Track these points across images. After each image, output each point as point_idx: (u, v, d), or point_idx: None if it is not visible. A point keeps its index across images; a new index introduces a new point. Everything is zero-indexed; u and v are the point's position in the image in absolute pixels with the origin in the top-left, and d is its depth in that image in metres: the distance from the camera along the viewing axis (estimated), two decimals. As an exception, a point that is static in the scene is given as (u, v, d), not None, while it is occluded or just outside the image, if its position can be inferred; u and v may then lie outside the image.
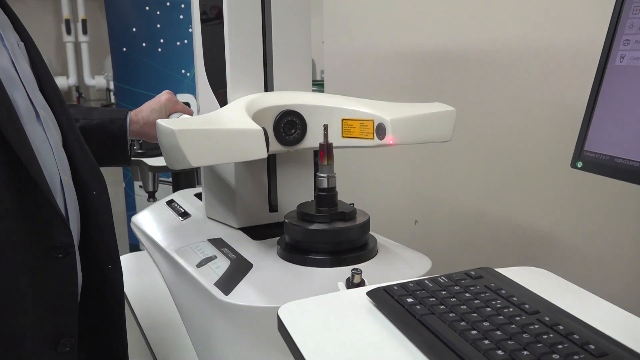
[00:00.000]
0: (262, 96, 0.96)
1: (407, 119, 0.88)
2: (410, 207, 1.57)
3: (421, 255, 0.94)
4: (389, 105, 0.94)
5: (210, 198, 1.10)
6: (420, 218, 1.54)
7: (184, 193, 1.34)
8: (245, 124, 0.80)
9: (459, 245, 1.42)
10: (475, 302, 0.59)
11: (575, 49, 1.09)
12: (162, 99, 1.08)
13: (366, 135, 0.90)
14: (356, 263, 0.85)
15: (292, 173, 1.06)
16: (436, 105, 0.94)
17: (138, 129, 1.06)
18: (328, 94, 0.99)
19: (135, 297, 1.13)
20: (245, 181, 1.02)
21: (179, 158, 0.75)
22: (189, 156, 0.74)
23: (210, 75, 1.03)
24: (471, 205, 1.37)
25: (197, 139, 0.75)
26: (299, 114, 0.94)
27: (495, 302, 0.59)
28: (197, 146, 0.75)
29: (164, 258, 1.04)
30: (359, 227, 0.86)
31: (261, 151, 0.78)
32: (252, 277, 0.84)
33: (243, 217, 1.04)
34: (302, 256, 0.85)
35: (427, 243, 1.50)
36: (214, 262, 0.91)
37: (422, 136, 0.90)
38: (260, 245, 0.95)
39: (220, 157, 0.77)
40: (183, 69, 2.95)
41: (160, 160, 2.02)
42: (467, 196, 1.38)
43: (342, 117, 0.93)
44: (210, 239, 1.00)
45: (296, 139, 0.95)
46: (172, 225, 1.13)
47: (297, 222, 0.87)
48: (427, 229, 1.52)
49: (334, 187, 0.88)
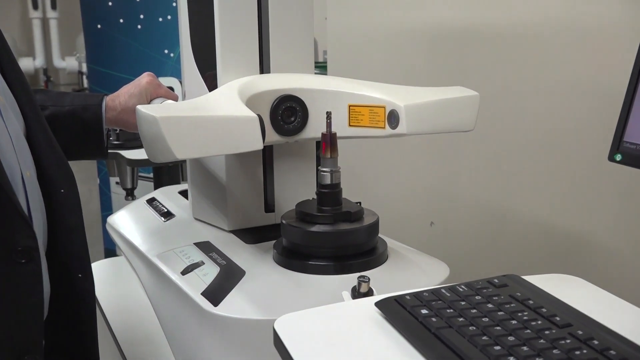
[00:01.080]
0: (257, 79, 0.96)
1: (424, 105, 0.88)
2: (425, 206, 1.57)
3: (437, 261, 0.94)
4: (402, 90, 0.94)
5: (197, 196, 1.11)
6: (437, 219, 1.54)
7: (167, 190, 1.34)
8: (238, 111, 0.80)
9: (481, 250, 1.42)
10: (499, 314, 0.60)
11: (615, 27, 1.09)
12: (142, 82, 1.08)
13: (376, 123, 0.91)
14: (363, 270, 0.85)
15: (291, 167, 1.06)
16: (457, 90, 0.94)
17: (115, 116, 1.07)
18: (332, 77, 0.99)
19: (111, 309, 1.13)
20: (238, 177, 1.03)
21: (162, 149, 0.75)
22: (174, 147, 0.74)
23: (197, 56, 1.03)
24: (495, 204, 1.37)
25: (182, 127, 0.75)
26: (299, 100, 0.94)
27: (521, 314, 0.60)
28: (183, 136, 0.75)
29: (144, 264, 1.04)
30: (367, 229, 0.87)
31: (256, 142, 0.78)
32: (244, 286, 0.84)
33: (235, 218, 1.04)
34: (302, 262, 0.86)
35: (445, 247, 1.50)
36: (201, 269, 0.91)
37: (441, 125, 0.90)
38: (254, 250, 0.96)
39: (209, 148, 0.77)
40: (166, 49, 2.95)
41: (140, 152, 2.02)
42: (490, 194, 1.38)
43: (349, 103, 0.93)
44: (197, 243, 1.00)
45: (296, 127, 0.95)
46: (153, 227, 1.14)
47: (296, 224, 0.87)
48: (445, 231, 1.52)
49: (338, 184, 0.89)
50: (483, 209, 1.41)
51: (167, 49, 2.95)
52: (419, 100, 0.88)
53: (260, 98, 0.92)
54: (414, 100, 0.88)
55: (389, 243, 0.94)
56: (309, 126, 0.96)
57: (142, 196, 1.33)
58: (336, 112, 0.93)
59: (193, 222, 1.11)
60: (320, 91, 0.95)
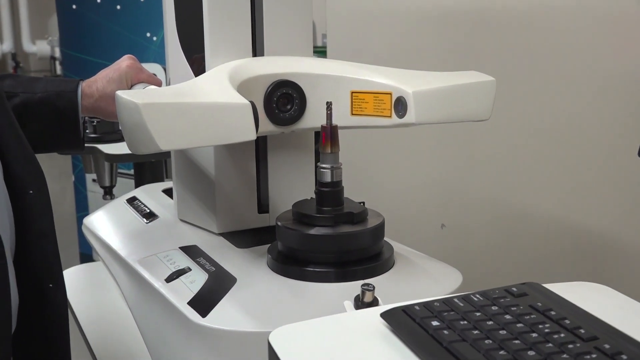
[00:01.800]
0: (249, 62, 0.96)
1: (434, 91, 0.88)
2: (436, 206, 1.58)
3: (449, 267, 0.94)
4: (411, 74, 0.94)
5: (183, 195, 1.11)
6: (449, 220, 1.54)
7: (150, 188, 1.34)
8: (229, 97, 0.80)
9: (498, 255, 1.42)
10: (518, 326, 0.60)
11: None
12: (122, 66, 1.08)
13: (382, 112, 0.91)
14: (367, 277, 0.85)
15: (287, 162, 1.06)
16: (471, 75, 0.94)
17: (92, 103, 1.06)
18: (333, 60, 0.99)
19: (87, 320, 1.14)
20: (228, 172, 1.03)
21: (144, 140, 0.75)
22: (157, 137, 0.74)
23: (183, 38, 1.03)
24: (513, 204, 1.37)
25: (167, 115, 0.75)
26: (296, 85, 0.94)
27: (542, 326, 0.60)
28: (167, 124, 0.75)
29: (124, 270, 1.04)
30: (371, 232, 0.87)
31: (248, 131, 0.78)
32: (236, 295, 0.84)
33: (225, 219, 1.04)
34: (299, 268, 0.86)
35: (458, 252, 1.50)
36: (188, 276, 0.91)
37: (453, 114, 0.90)
38: (247, 255, 0.96)
39: (197, 138, 0.77)
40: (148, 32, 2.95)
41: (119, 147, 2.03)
42: (508, 192, 1.39)
43: (352, 90, 0.93)
44: (183, 247, 1.00)
45: (292, 116, 0.95)
46: (134, 229, 1.14)
47: (293, 226, 0.87)
48: (458, 234, 1.53)
49: (340, 181, 0.89)
50: (500, 209, 1.41)
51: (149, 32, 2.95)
52: (429, 86, 0.88)
53: (253, 83, 0.92)
54: (424, 86, 0.88)
55: (395, 248, 0.94)
56: (307, 115, 0.96)
57: (121, 195, 1.33)
58: (337, 99, 0.93)
59: (178, 224, 1.11)
60: (320, 76, 0.95)
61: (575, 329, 0.59)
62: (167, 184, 1.35)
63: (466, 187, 1.49)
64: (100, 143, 2.08)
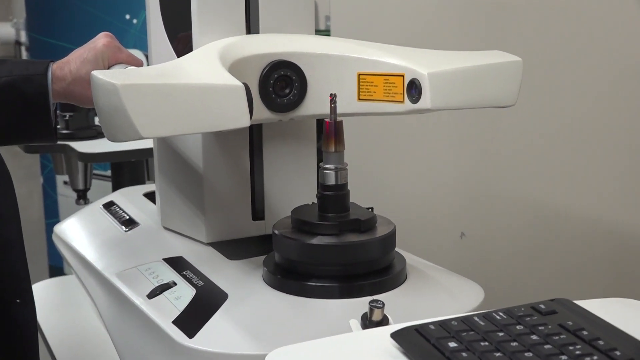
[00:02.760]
0: (242, 40, 0.96)
1: (453, 72, 0.88)
2: (454, 211, 1.58)
3: (469, 281, 0.94)
4: (426, 54, 0.93)
5: (167, 199, 1.11)
6: (469, 228, 1.54)
7: (129, 192, 1.34)
8: (219, 78, 0.80)
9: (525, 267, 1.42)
10: (546, 348, 0.60)
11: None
12: (98, 45, 1.08)
13: (393, 97, 0.90)
14: (376, 293, 0.85)
15: (285, 157, 1.07)
16: (494, 55, 0.94)
17: (64, 87, 1.06)
18: (338, 38, 1.00)
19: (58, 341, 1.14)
20: (219, 171, 1.03)
21: (124, 126, 0.75)
22: (138, 123, 0.74)
23: (167, 17, 1.04)
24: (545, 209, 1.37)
25: (149, 98, 0.75)
26: (295, 67, 0.95)
27: (573, 348, 0.60)
28: (150, 108, 0.75)
29: (100, 285, 1.04)
30: (380, 242, 0.87)
31: (241, 117, 0.78)
32: (227, 313, 0.85)
33: (215, 227, 1.05)
34: (300, 283, 0.86)
35: (479, 264, 1.50)
36: (173, 291, 0.91)
37: (474, 99, 0.90)
38: (240, 268, 0.96)
39: (183, 125, 0.77)
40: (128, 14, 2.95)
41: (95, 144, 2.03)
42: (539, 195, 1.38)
43: (359, 71, 0.93)
44: (167, 258, 1.01)
45: (291, 102, 0.95)
46: (111, 238, 1.14)
47: (292, 234, 0.88)
48: (480, 244, 1.53)
49: (345, 184, 0.89)
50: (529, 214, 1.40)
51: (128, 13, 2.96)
52: (446, 67, 0.88)
53: (246, 64, 0.92)
54: (441, 66, 0.87)
55: (408, 259, 0.94)
56: (307, 100, 0.96)
57: (97, 199, 1.34)
58: (342, 82, 0.93)
59: (162, 232, 1.11)
60: (322, 56, 0.95)
61: (610, 351, 0.60)
62: (148, 187, 1.35)
63: (490, 188, 1.49)
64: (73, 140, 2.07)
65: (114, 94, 0.74)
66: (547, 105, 1.33)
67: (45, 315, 1.19)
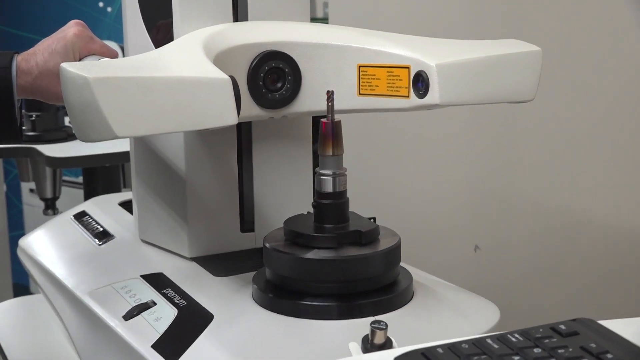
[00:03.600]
0: (229, 29, 0.97)
1: (464, 64, 0.87)
2: (467, 221, 1.58)
3: (483, 300, 0.94)
4: (434, 43, 0.94)
5: (146, 208, 1.11)
6: (483, 240, 1.54)
7: (103, 201, 1.34)
8: (202, 70, 0.81)
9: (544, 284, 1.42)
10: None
11: None
12: (68, 34, 1.08)
13: (397, 91, 0.90)
14: (379, 313, 0.85)
15: (277, 160, 1.07)
16: (510, 44, 0.94)
17: (30, 82, 1.06)
18: (336, 26, 1.00)
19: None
20: (203, 177, 1.03)
21: (96, 124, 0.75)
22: (113, 121, 0.74)
23: (145, 5, 1.04)
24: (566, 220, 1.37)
25: (125, 92, 0.75)
26: (288, 58, 0.95)
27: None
28: (126, 104, 0.75)
29: (71, 305, 1.04)
30: (384, 256, 0.87)
31: (228, 113, 0.78)
32: (213, 335, 0.84)
33: (199, 240, 1.05)
34: (293, 302, 0.86)
35: (494, 281, 1.50)
36: (152, 312, 0.91)
37: (488, 93, 0.90)
38: (226, 285, 0.96)
39: (162, 123, 0.77)
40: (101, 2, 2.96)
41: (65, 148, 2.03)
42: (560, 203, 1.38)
43: (359, 63, 0.93)
44: (146, 275, 1.01)
45: (284, 97, 0.95)
46: (83, 252, 1.14)
47: (286, 248, 0.88)
48: (495, 258, 1.53)
49: (344, 192, 0.89)
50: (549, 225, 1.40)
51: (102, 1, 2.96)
52: (457, 58, 0.87)
53: (233, 55, 0.92)
54: (450, 57, 0.87)
55: (414, 275, 0.94)
56: (302, 95, 0.96)
57: (67, 209, 1.34)
58: (341, 75, 0.93)
59: (140, 246, 1.11)
60: (319, 46, 0.95)
61: (640, 378, 0.60)
62: (124, 195, 1.36)
63: (507, 195, 1.49)
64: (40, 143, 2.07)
65: (85, 88, 0.74)
66: (571, 101, 1.33)
67: (8, 339, 1.18)
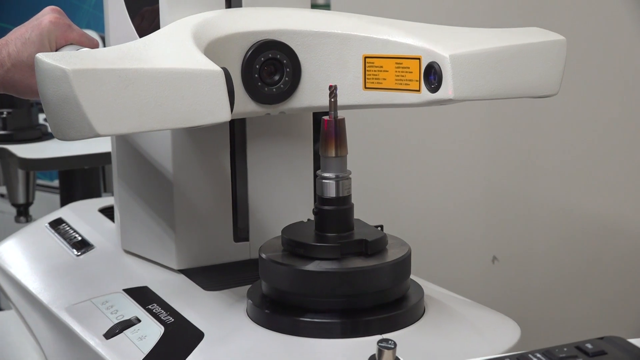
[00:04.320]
0: (221, 16, 0.97)
1: (480, 54, 0.87)
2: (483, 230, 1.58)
3: (502, 316, 0.94)
4: (447, 32, 0.94)
5: (129, 215, 1.11)
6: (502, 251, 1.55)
7: (82, 207, 1.34)
8: (192, 62, 0.81)
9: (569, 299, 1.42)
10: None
11: None
12: (43, 22, 1.08)
13: (407, 84, 0.91)
14: (386, 331, 0.85)
15: (275, 163, 1.07)
16: (532, 33, 0.94)
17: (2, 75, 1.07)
18: (339, 13, 1.00)
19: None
20: (192, 180, 1.03)
21: (76, 121, 0.75)
22: (94, 117, 0.74)
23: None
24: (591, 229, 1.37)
25: (107, 86, 0.75)
26: (286, 48, 0.95)
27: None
28: (108, 99, 0.75)
29: (46, 322, 1.04)
30: (392, 268, 0.87)
31: (220, 109, 0.78)
32: (203, 355, 0.84)
33: (187, 250, 1.05)
34: (292, 319, 0.86)
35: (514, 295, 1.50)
36: (136, 330, 0.91)
37: (507, 86, 0.89)
38: (218, 300, 0.96)
39: (148, 120, 0.77)
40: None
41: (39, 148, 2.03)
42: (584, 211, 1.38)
43: (365, 53, 0.93)
44: (130, 289, 1.00)
45: (282, 91, 0.95)
46: (60, 264, 1.14)
47: (284, 259, 0.87)
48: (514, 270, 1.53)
49: (349, 197, 0.89)
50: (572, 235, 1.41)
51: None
52: (472, 48, 0.87)
53: (226, 45, 0.92)
54: (465, 47, 0.87)
55: (426, 289, 0.94)
56: (301, 89, 0.96)
57: (42, 216, 1.34)
58: (345, 67, 0.93)
59: (122, 257, 1.11)
60: (320, 35, 0.95)
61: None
62: (105, 201, 1.36)
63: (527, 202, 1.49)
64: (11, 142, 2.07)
65: (63, 81, 0.74)
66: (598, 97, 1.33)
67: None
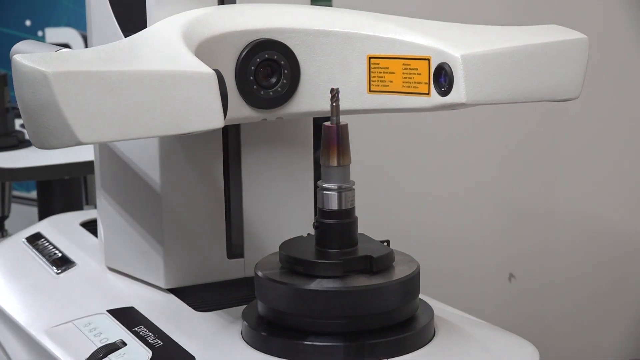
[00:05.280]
0: (213, 13, 0.97)
1: (495, 55, 0.87)
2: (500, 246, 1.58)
3: (519, 339, 0.95)
4: (459, 30, 0.94)
5: (113, 230, 1.11)
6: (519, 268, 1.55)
7: (62, 221, 1.35)
8: (182, 64, 0.81)
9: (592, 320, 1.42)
10: None
11: None
12: None
13: (415, 87, 0.91)
14: (394, 355, 0.85)
15: (272, 173, 1.07)
16: (551, 30, 0.94)
17: None
18: (341, 10, 1.00)
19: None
20: (182, 191, 1.04)
21: (56, 128, 0.74)
22: (75, 124, 0.74)
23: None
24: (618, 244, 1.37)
25: (90, 90, 0.75)
26: (284, 48, 0.95)
27: None
28: (91, 104, 0.74)
29: (24, 346, 1.04)
30: (399, 287, 0.87)
31: (212, 115, 0.78)
32: (194, 382, 0.85)
33: (177, 268, 1.05)
34: (291, 341, 0.86)
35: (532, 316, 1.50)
36: (122, 354, 0.91)
37: (524, 90, 0.89)
38: (211, 322, 0.96)
39: (134, 127, 0.77)
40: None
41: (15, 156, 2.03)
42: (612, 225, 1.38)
43: (369, 53, 0.94)
44: (114, 310, 1.01)
45: (279, 95, 0.95)
46: (38, 282, 1.14)
47: (282, 277, 0.88)
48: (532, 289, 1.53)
49: (352, 209, 0.89)
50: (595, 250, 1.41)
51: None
52: (486, 47, 0.87)
53: (219, 44, 0.93)
54: (479, 46, 0.87)
55: (436, 310, 0.94)
56: (300, 93, 0.96)
57: (18, 230, 1.34)
58: (348, 68, 0.94)
59: (106, 275, 1.12)
60: (321, 33, 0.95)
61: None
62: (87, 214, 1.36)
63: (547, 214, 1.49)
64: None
65: (43, 85, 0.74)
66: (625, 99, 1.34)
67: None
